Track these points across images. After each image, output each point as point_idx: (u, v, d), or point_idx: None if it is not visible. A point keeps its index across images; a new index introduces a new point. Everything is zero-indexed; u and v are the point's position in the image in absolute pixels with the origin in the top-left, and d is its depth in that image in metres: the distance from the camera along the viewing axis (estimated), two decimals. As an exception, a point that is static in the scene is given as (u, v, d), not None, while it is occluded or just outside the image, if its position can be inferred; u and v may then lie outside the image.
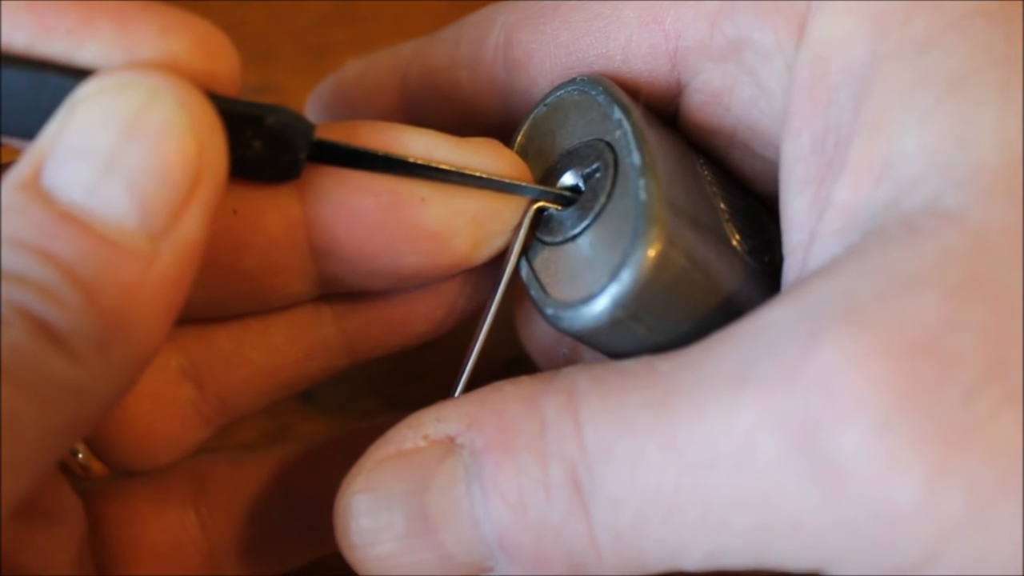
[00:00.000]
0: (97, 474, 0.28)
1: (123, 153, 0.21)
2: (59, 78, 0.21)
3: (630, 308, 0.24)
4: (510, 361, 0.37)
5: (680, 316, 0.24)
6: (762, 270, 0.26)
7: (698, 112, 0.27)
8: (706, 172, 0.27)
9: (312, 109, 0.33)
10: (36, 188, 0.21)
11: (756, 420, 0.21)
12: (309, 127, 0.24)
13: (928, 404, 0.20)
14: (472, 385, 0.26)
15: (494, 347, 0.29)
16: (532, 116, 0.28)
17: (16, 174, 0.21)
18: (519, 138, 0.28)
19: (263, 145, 0.23)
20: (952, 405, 0.20)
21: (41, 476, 0.20)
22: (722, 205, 0.27)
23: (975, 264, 0.21)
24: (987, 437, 0.20)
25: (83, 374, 0.20)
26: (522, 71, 0.28)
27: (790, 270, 0.24)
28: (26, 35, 0.21)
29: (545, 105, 0.28)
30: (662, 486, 0.22)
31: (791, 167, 0.24)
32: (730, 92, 0.26)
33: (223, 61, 0.22)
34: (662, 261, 0.23)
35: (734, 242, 0.26)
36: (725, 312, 0.24)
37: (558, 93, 0.28)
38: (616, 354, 0.25)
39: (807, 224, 0.24)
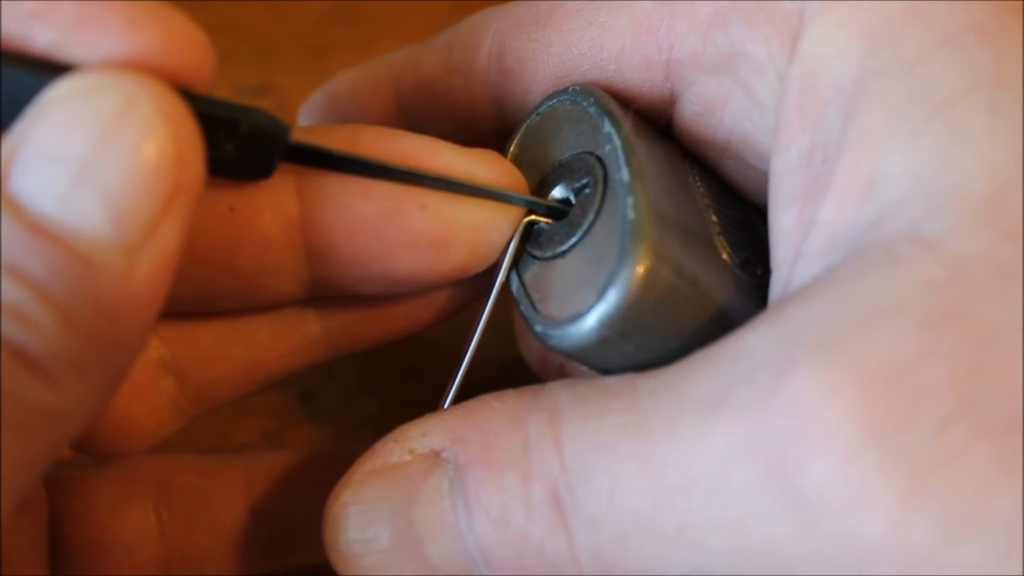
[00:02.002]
0: (63, 457, 0.28)
1: (97, 161, 0.19)
2: (31, 75, 0.20)
3: (617, 327, 0.24)
4: (509, 362, 0.37)
5: (669, 333, 0.24)
6: (754, 283, 0.26)
7: (691, 123, 0.27)
8: (698, 183, 0.27)
9: (305, 121, 0.32)
10: (2, 194, 0.20)
11: (730, 447, 0.21)
12: (284, 130, 0.23)
13: (898, 436, 0.20)
14: (469, 387, 0.26)
15: (493, 348, 0.29)
16: (525, 125, 0.28)
17: None
18: (512, 148, 0.28)
19: (235, 148, 0.22)
20: (922, 437, 0.20)
21: (16, 503, 0.20)
22: (714, 218, 0.26)
23: (951, 295, 0.21)
24: (957, 470, 0.20)
25: (60, 399, 0.20)
26: (515, 79, 0.28)
27: (775, 286, 0.24)
28: None
29: (538, 114, 0.28)
30: (640, 507, 0.22)
31: (779, 182, 0.24)
32: (723, 104, 0.26)
33: (196, 55, 0.21)
34: (649, 280, 0.23)
35: (724, 256, 0.26)
36: (715, 327, 0.24)
37: (551, 102, 0.27)
38: (606, 370, 0.25)
39: (793, 241, 0.24)
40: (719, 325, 0.24)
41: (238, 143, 0.22)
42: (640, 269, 0.23)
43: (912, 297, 0.21)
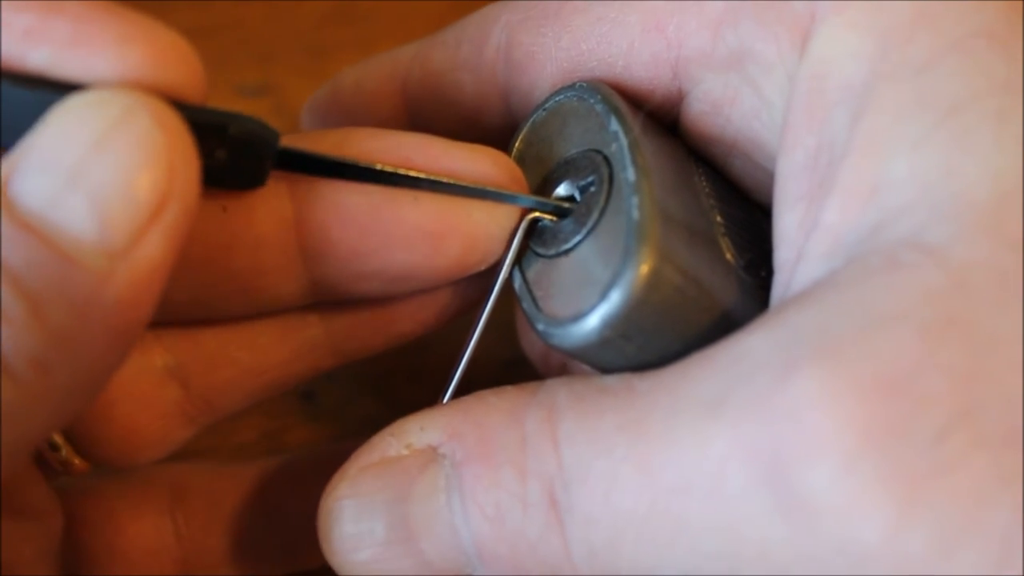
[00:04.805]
0: (77, 470, 0.28)
1: (89, 167, 0.20)
2: (43, 93, 0.21)
3: (619, 328, 0.23)
4: (509, 362, 0.37)
5: (672, 335, 0.24)
6: (758, 284, 0.26)
7: (698, 121, 0.27)
8: (704, 183, 0.27)
9: (308, 120, 0.32)
10: (2, 197, 0.20)
11: (727, 450, 0.21)
12: (274, 136, 0.23)
13: (896, 444, 0.20)
14: (468, 387, 0.26)
15: (493, 348, 0.29)
16: (531, 121, 0.28)
17: None
18: (518, 143, 0.28)
19: (227, 154, 0.23)
20: (921, 446, 0.20)
21: None
22: (719, 218, 0.26)
23: (953, 304, 0.20)
24: (954, 481, 0.20)
25: (19, 395, 0.20)
26: (523, 73, 0.28)
27: (777, 287, 0.24)
28: None
29: (544, 110, 0.28)
30: (636, 508, 0.22)
31: (784, 183, 0.24)
32: (731, 103, 0.26)
33: (186, 69, 0.21)
34: (653, 280, 0.23)
35: (728, 257, 0.26)
36: (718, 329, 0.24)
37: (557, 98, 0.27)
38: (607, 370, 0.25)
39: (796, 242, 0.24)
40: (722, 327, 0.24)
41: (229, 150, 0.23)
42: (644, 270, 0.23)
43: (913, 304, 0.21)
